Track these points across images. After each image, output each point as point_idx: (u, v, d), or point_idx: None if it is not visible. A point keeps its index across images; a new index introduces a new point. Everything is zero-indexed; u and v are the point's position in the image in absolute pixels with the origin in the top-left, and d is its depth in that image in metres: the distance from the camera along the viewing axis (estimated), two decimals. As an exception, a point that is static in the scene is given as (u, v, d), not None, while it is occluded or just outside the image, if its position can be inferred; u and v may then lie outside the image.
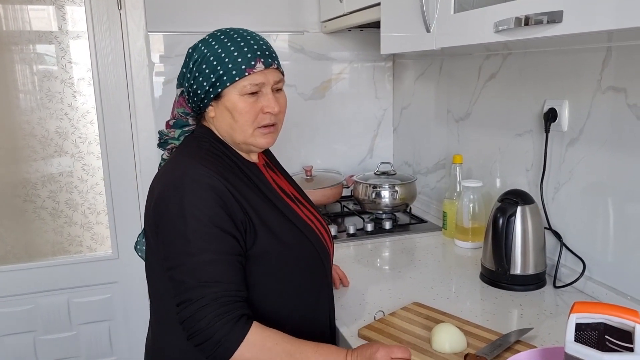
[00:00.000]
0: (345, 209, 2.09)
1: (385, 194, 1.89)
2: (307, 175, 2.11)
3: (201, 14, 2.05)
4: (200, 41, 1.08)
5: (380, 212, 1.92)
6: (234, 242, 0.98)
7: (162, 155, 1.16)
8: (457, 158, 1.75)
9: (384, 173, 1.97)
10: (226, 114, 1.06)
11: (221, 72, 1.03)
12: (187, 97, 1.11)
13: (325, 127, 2.31)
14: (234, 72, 1.02)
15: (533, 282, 1.35)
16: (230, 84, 1.03)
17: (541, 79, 1.45)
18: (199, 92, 1.06)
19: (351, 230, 1.78)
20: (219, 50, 1.04)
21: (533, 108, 1.49)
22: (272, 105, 1.06)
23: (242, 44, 1.04)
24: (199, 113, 1.12)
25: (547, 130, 1.40)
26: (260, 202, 1.05)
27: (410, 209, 2.05)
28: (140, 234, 1.19)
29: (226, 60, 1.03)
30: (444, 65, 1.94)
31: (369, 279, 1.45)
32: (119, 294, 2.17)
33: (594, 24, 0.84)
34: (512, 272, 1.34)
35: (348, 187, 2.09)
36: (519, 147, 1.56)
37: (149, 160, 2.09)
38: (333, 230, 1.76)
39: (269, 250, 1.03)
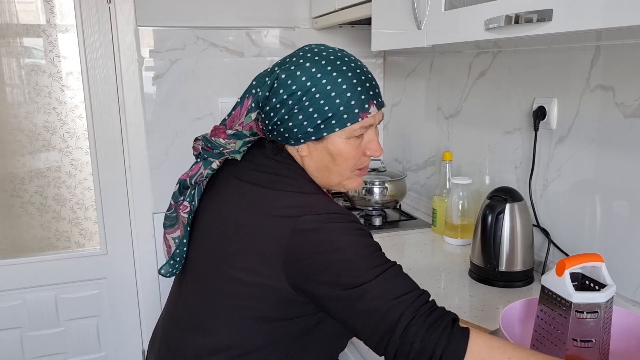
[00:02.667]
0: (335, 206, 2.09)
1: (375, 190, 1.89)
2: (297, 172, 2.10)
3: (191, 9, 2.04)
4: (297, 66, 0.91)
5: (370, 208, 1.93)
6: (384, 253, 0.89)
7: (212, 165, 1.00)
8: (446, 155, 1.76)
9: (374, 170, 1.97)
10: (325, 157, 0.94)
11: (330, 114, 0.90)
12: (267, 126, 0.95)
13: (316, 124, 2.30)
14: (345, 117, 0.90)
15: (521, 278, 1.36)
16: (339, 129, 0.91)
17: (531, 77, 1.46)
18: (294, 130, 0.92)
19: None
20: (328, 88, 0.89)
21: (522, 106, 1.49)
22: (378, 149, 0.97)
23: (354, 81, 0.91)
24: (278, 145, 0.98)
25: (536, 128, 1.41)
26: None
27: (400, 205, 2.05)
28: (175, 254, 1.04)
29: (337, 101, 0.89)
30: (434, 62, 1.94)
31: (358, 275, 1.45)
32: (107, 290, 2.16)
33: (583, 23, 0.84)
34: (500, 268, 1.35)
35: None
36: (508, 145, 1.57)
37: (138, 155, 2.08)
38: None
39: None
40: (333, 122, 0.90)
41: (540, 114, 1.40)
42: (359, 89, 0.91)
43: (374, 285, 0.82)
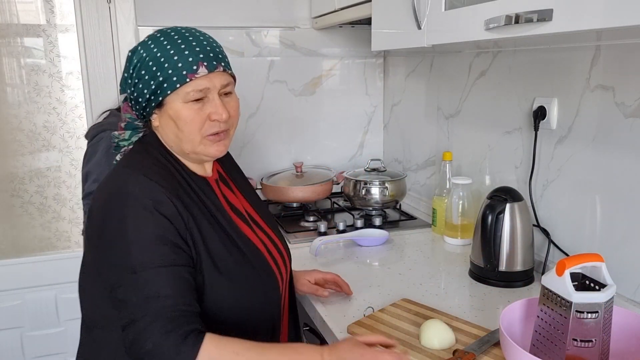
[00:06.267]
0: (335, 206, 2.09)
1: (375, 190, 1.89)
2: (297, 172, 2.10)
3: (191, 9, 2.04)
4: (139, 44, 1.00)
5: (370, 208, 1.92)
6: (180, 251, 0.91)
7: (116, 157, 1.07)
8: (447, 155, 1.76)
9: (374, 169, 1.97)
10: (170, 123, 0.99)
11: (161, 78, 0.95)
12: (130, 103, 1.03)
13: (316, 124, 2.31)
14: (174, 79, 0.95)
15: (521, 278, 1.36)
16: (171, 92, 0.96)
17: (531, 77, 1.46)
18: (140, 100, 0.99)
19: (341, 227, 1.78)
20: (158, 55, 0.96)
21: (522, 106, 1.49)
22: (220, 111, 0.98)
23: (182, 46, 0.96)
24: (145, 120, 1.05)
25: (536, 128, 1.41)
26: (205, 222, 0.98)
27: (400, 205, 2.05)
28: None
29: (165, 65, 0.95)
30: (434, 62, 1.94)
31: (358, 275, 1.45)
32: (107, 290, 2.15)
33: (583, 23, 0.84)
34: (500, 268, 1.35)
35: (338, 184, 2.09)
36: (508, 145, 1.57)
37: (138, 155, 2.08)
38: (323, 226, 1.76)
39: (211, 283, 0.95)
40: (165, 85, 0.95)
41: (540, 114, 1.39)
42: (186, 52, 0.95)
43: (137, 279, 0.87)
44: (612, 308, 0.86)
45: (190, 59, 0.95)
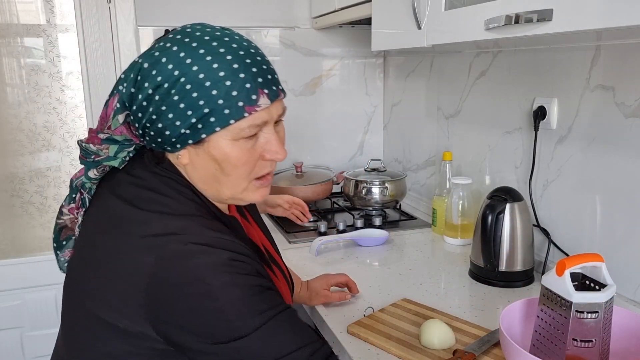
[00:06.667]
0: (335, 205, 2.09)
1: (375, 190, 1.89)
2: (297, 172, 2.10)
3: (191, 9, 2.04)
4: (162, 52, 0.73)
5: (370, 208, 1.92)
6: (275, 293, 0.75)
7: (88, 174, 0.81)
8: (446, 155, 1.76)
9: (374, 169, 1.97)
10: (210, 165, 0.76)
11: (206, 110, 0.71)
12: (138, 129, 0.78)
13: (316, 124, 2.31)
14: (226, 112, 0.71)
15: (521, 278, 1.36)
16: (221, 129, 0.73)
17: (531, 77, 1.46)
18: (166, 133, 0.74)
19: (341, 227, 1.78)
20: (201, 76, 0.70)
21: (522, 106, 1.49)
22: (278, 150, 0.78)
23: (235, 65, 0.71)
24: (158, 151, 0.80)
25: (536, 128, 1.41)
26: None
27: (400, 205, 2.05)
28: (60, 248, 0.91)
29: (213, 92, 0.70)
30: (434, 62, 1.94)
31: (358, 275, 1.45)
32: (107, 290, 2.15)
33: (583, 23, 0.84)
34: (500, 268, 1.35)
35: (338, 184, 2.09)
36: (508, 145, 1.57)
37: (138, 155, 2.08)
38: (323, 226, 1.76)
39: None
40: (212, 119, 0.72)
41: (540, 114, 1.39)
42: (241, 75, 0.72)
43: (254, 339, 0.68)
44: (612, 308, 0.86)
45: (248, 85, 0.72)
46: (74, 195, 0.85)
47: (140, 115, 0.75)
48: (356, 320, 1.16)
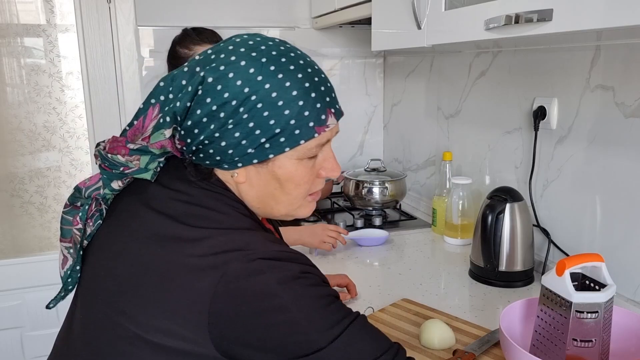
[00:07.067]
0: (335, 205, 2.09)
1: (375, 190, 1.89)
2: (297, 172, 2.10)
3: (191, 8, 2.04)
4: (228, 66, 0.69)
5: (370, 208, 1.92)
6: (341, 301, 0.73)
7: (112, 185, 0.75)
8: (446, 155, 1.76)
9: (374, 169, 1.97)
10: (271, 183, 0.74)
11: (277, 130, 0.69)
12: (189, 146, 0.72)
13: (316, 124, 2.30)
14: (297, 132, 0.70)
15: (521, 278, 1.36)
16: (290, 149, 0.71)
17: (531, 77, 1.46)
18: (229, 152, 0.70)
19: (341, 227, 1.78)
20: (274, 95, 0.68)
21: (522, 106, 1.49)
22: (336, 168, 0.78)
23: (306, 84, 0.70)
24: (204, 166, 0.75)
25: (536, 128, 1.41)
26: None
27: (400, 205, 2.05)
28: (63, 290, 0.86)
29: (286, 112, 0.68)
30: (434, 62, 1.94)
31: (358, 275, 1.45)
32: (107, 290, 2.15)
33: (583, 23, 0.84)
34: (500, 268, 1.35)
35: (338, 184, 2.09)
36: (508, 145, 1.57)
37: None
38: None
39: None
40: (282, 139, 0.69)
41: (540, 114, 1.39)
42: (312, 94, 0.70)
43: (332, 351, 0.66)
44: (612, 308, 0.86)
45: (319, 105, 0.71)
46: (86, 207, 0.77)
47: (197, 131, 0.70)
48: (356, 320, 1.16)
